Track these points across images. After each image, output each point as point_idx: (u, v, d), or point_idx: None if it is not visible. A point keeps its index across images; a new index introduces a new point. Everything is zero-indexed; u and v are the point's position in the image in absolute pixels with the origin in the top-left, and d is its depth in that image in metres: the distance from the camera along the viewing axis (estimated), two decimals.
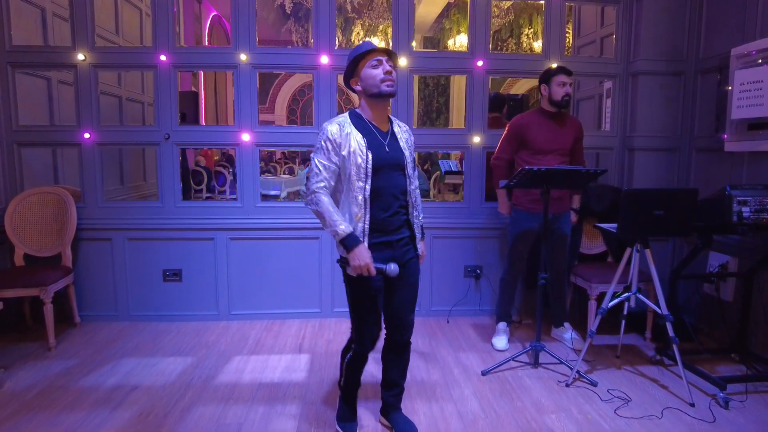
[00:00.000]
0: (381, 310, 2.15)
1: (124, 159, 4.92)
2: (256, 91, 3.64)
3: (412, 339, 2.25)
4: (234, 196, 3.84)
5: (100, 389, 2.70)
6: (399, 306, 2.18)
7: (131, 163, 5.11)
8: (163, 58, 3.52)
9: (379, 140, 2.07)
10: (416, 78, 3.62)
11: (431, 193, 9.06)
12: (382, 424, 2.39)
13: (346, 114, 2.11)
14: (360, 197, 2.01)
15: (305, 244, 3.72)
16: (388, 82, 2.01)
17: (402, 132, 2.18)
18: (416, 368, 2.98)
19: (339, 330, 3.58)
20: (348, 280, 2.11)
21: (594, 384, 2.74)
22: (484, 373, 2.89)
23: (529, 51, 8.64)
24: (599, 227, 2.89)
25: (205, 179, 7.80)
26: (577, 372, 2.79)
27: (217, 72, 8.92)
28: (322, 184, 2.02)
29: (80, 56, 3.49)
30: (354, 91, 2.11)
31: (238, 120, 3.63)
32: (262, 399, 2.61)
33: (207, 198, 7.71)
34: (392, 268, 1.97)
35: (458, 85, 12.30)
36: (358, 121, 2.08)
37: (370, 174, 2.01)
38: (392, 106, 3.72)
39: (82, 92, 3.54)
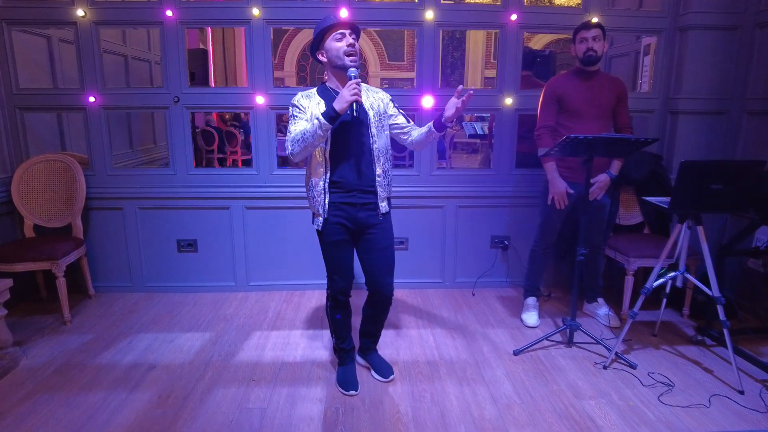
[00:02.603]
0: (347, 265, 2.31)
1: (133, 120, 4.70)
2: (270, 50, 3.36)
3: (437, 312, 2.25)
4: (247, 156, 3.63)
5: (118, 367, 2.61)
6: (373, 270, 2.32)
7: (140, 125, 4.89)
8: (169, 13, 3.25)
9: None
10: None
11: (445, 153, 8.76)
12: (359, 363, 2.62)
13: (315, 88, 2.26)
14: (321, 156, 2.16)
15: None
16: (352, 57, 2.10)
17: (371, 96, 2.25)
18: (443, 345, 2.86)
19: (360, 302, 3.45)
20: (319, 235, 2.27)
21: (633, 366, 2.59)
22: (516, 353, 2.76)
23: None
24: (647, 200, 2.66)
25: (216, 140, 7.57)
26: (615, 353, 2.64)
27: (225, 27, 8.52)
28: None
29: (80, 12, 3.23)
30: (320, 62, 2.21)
31: (252, 81, 3.39)
32: (285, 380, 2.50)
33: (219, 159, 7.51)
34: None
35: (474, 38, 11.74)
36: (323, 91, 2.22)
37: (328, 134, 2.10)
38: (417, 63, 3.45)
39: (84, 52, 3.30)
